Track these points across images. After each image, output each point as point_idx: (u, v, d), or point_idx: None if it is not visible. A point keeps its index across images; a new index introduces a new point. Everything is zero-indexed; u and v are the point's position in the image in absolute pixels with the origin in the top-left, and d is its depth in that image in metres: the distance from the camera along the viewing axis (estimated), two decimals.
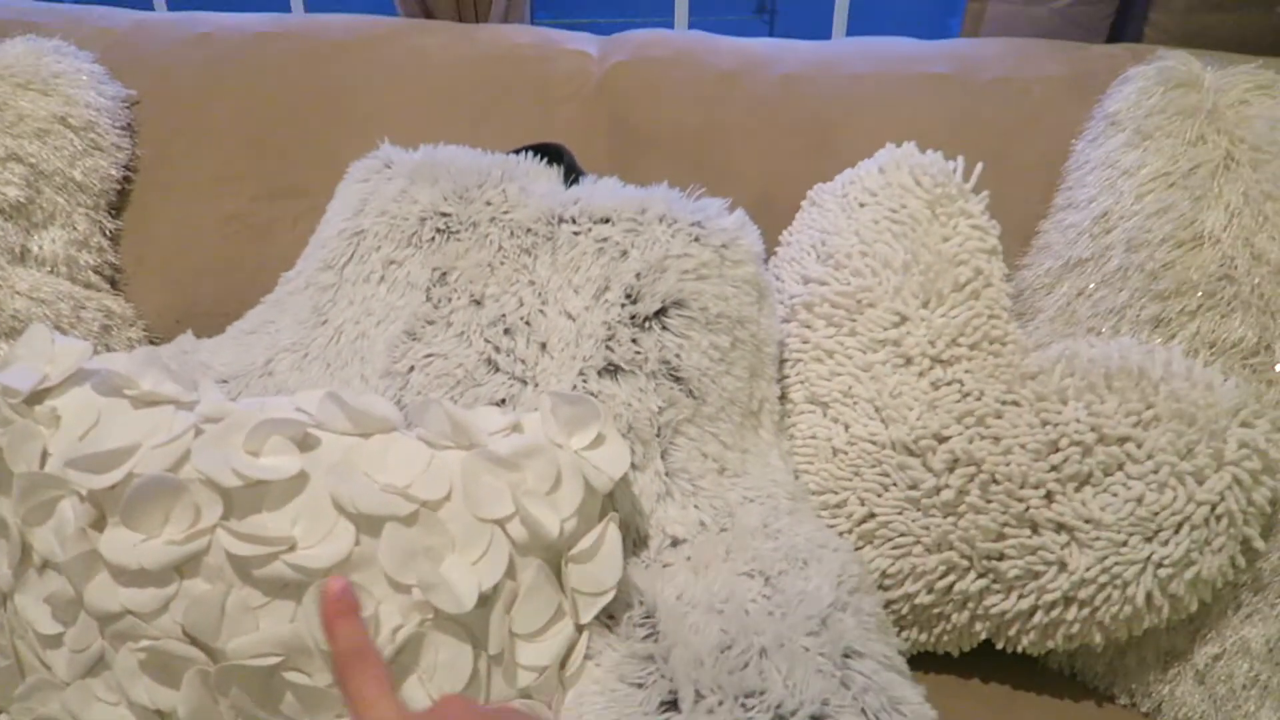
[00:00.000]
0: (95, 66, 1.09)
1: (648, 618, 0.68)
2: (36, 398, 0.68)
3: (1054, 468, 0.74)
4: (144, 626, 0.61)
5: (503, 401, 0.77)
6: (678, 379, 0.77)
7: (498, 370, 0.77)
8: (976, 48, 1.12)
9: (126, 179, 1.07)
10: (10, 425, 0.67)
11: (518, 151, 0.93)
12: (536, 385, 0.76)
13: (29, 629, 0.65)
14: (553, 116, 1.10)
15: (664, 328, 0.78)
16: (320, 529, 0.62)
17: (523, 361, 0.78)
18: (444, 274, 0.83)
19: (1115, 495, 0.72)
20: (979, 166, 0.89)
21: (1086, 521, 0.72)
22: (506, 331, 0.79)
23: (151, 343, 1.02)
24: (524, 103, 1.11)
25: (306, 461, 0.64)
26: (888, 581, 0.78)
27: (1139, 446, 0.72)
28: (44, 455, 0.66)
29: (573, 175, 0.92)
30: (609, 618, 0.69)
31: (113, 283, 1.04)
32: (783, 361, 0.86)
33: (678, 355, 0.77)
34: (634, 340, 0.77)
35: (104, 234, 1.03)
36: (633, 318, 0.78)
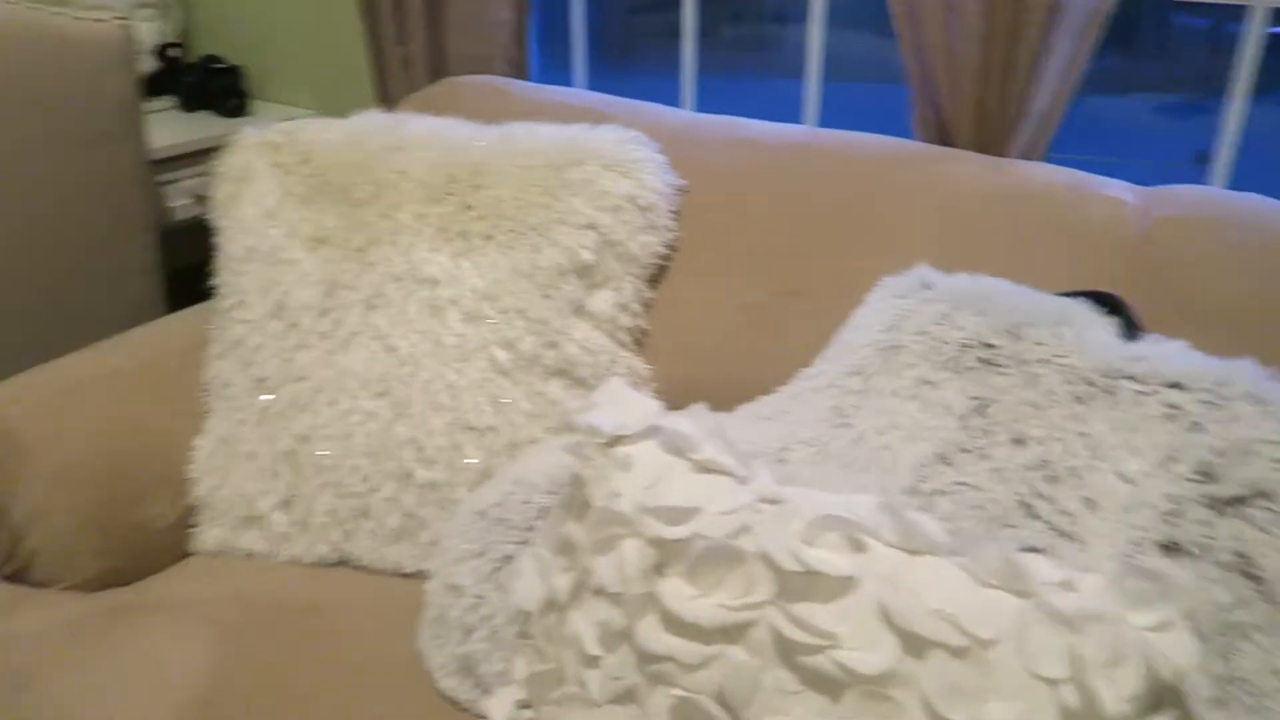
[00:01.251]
0: (660, 156, 1.24)
1: None
2: (613, 442, 0.76)
3: None
4: (681, 676, 0.65)
5: (1036, 552, 0.73)
6: (1252, 577, 0.69)
7: (1036, 517, 0.74)
8: None
9: (666, 257, 1.19)
10: (592, 463, 0.76)
11: (1067, 295, 0.91)
12: (1083, 544, 0.72)
13: (574, 643, 0.72)
14: (1082, 263, 1.06)
15: (1244, 518, 0.70)
16: (865, 635, 0.62)
17: (1067, 514, 0.74)
18: (984, 405, 0.82)
19: None
20: None
21: None
22: (1051, 479, 0.76)
23: None
24: (1054, 245, 1.07)
25: (857, 564, 0.65)
26: None
27: None
28: (612, 495, 0.74)
29: (1130, 330, 0.87)
30: None
31: (638, 345, 1.16)
32: None
33: (1261, 552, 0.69)
34: (1205, 522, 0.70)
35: (641, 302, 1.16)
36: (1206, 497, 0.71)
